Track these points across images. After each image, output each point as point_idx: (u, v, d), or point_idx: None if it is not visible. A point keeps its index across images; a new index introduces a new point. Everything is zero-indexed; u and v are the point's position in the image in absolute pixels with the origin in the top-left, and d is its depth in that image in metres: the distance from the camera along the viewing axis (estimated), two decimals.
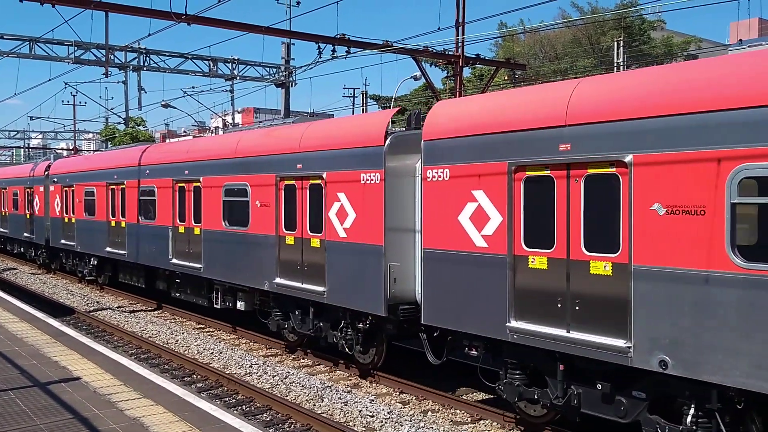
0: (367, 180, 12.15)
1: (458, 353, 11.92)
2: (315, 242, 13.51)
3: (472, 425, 11.21)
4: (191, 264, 17.79)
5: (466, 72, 43.20)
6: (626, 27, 53.33)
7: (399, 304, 11.91)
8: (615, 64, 45.98)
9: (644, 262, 8.23)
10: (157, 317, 20.96)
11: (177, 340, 17.51)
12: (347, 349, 13.18)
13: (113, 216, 22.48)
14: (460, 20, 25.57)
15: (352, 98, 63.05)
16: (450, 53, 26.35)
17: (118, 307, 22.44)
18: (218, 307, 17.31)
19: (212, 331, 18.80)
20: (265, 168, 14.89)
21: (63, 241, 26.71)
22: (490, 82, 32.54)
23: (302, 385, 13.14)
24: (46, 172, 28.81)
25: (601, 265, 8.77)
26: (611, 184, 8.66)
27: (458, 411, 11.79)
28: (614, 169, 8.61)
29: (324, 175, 13.15)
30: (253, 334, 17.26)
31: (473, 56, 27.72)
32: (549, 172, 9.34)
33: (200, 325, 19.61)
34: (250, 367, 14.61)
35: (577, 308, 8.99)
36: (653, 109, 8.18)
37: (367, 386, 13.36)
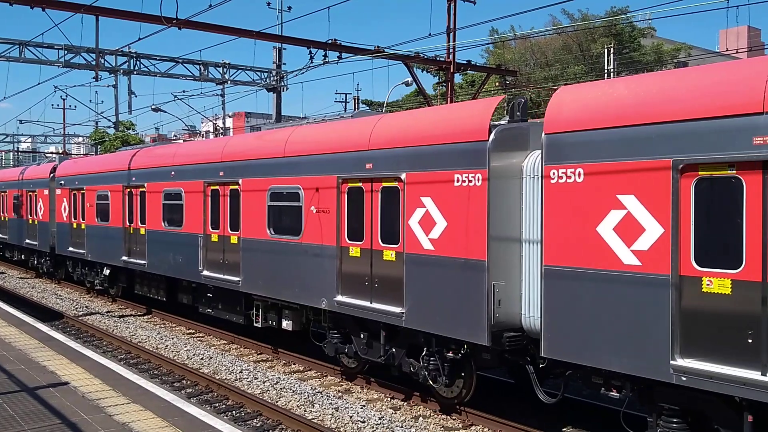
0: (464, 182, 9.95)
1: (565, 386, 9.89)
2: (389, 255, 11.32)
3: (464, 431, 10.68)
4: (227, 277, 15.41)
5: (458, 78, 42.25)
6: (616, 34, 52.24)
7: (503, 330, 9.79)
8: (605, 71, 44.78)
9: None
10: (146, 322, 20.01)
11: (167, 346, 16.75)
12: (430, 381, 11.01)
13: (131, 222, 19.80)
14: (452, 26, 25.41)
15: (344, 103, 61.71)
16: (441, 59, 26.25)
17: (107, 312, 21.41)
18: (259, 326, 15.00)
19: (202, 337, 17.98)
20: (324, 168, 12.65)
21: (71, 249, 23.87)
22: (481, 89, 31.42)
23: (293, 391, 12.56)
24: (52, 174, 26.00)
25: None
26: None
27: (450, 417, 11.20)
28: None
29: (402, 177, 10.90)
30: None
31: (464, 62, 27.87)
32: (735, 171, 7.27)
33: (190, 331, 18.77)
34: (241, 372, 14.01)
35: None
36: None
37: (358, 392, 12.74)
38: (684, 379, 7.49)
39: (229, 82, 34.65)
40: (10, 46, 27.33)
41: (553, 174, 8.75)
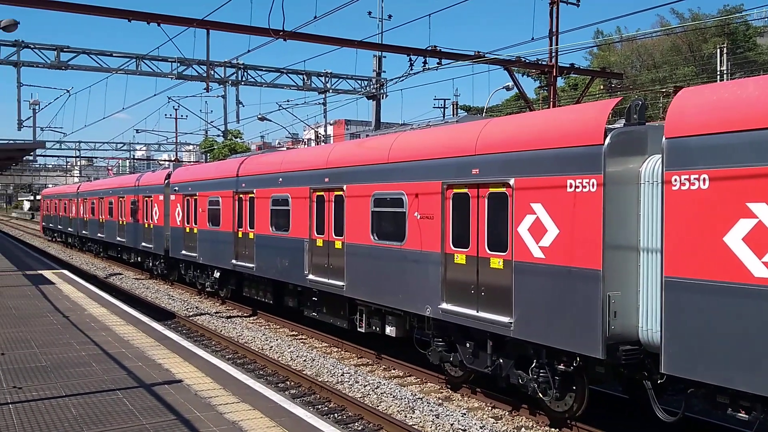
0: (577, 188, 9.55)
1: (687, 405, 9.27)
2: (496, 262, 11.03)
3: None
4: (331, 281, 15.51)
5: (560, 82, 41.19)
6: (730, 33, 49.46)
7: (618, 343, 9.31)
8: (718, 72, 42.44)
9: None
10: (252, 323, 20.45)
11: (271, 347, 17.02)
12: (540, 394, 10.63)
13: (240, 226, 20.38)
14: (554, 30, 24.96)
15: (442, 109, 61.44)
16: (543, 63, 25.61)
17: (215, 313, 22.06)
18: (362, 331, 15.04)
19: (305, 339, 18.29)
20: (428, 174, 12.50)
21: (184, 252, 24.80)
22: (585, 92, 30.56)
23: (393, 396, 12.53)
24: (167, 181, 27.18)
25: None
26: None
27: (553, 429, 10.86)
28: None
29: (511, 182, 10.60)
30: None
31: (567, 66, 26.91)
32: None
33: (293, 333, 19.09)
34: (342, 375, 14.07)
35: None
36: None
37: (459, 399, 12.59)
38: None
39: (330, 90, 35.33)
40: (128, 60, 28.85)
41: (675, 180, 8.23)
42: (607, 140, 9.10)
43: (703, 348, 7.91)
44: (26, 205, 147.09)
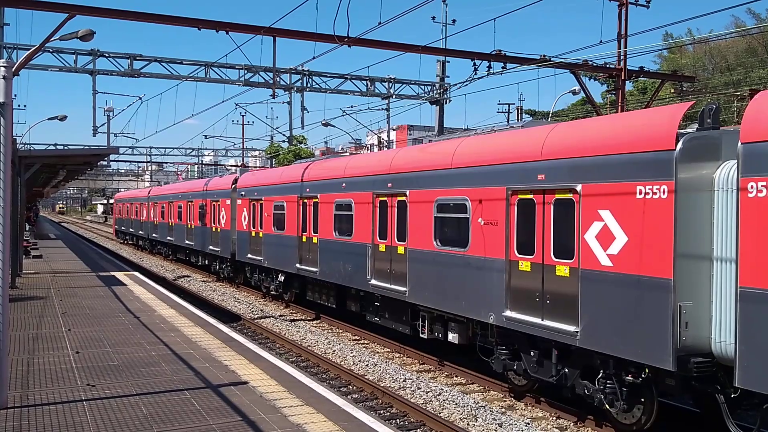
0: (647, 194, 9.29)
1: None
2: (562, 270, 10.84)
3: None
4: (394, 287, 15.55)
5: (628, 86, 40.20)
6: None
7: (690, 355, 9.02)
8: None
9: None
10: (315, 327, 20.77)
11: (334, 351, 17.22)
12: (606, 405, 10.38)
13: (304, 231, 20.69)
14: (623, 32, 24.64)
15: (507, 114, 60.85)
16: (611, 66, 25.28)
17: (280, 316, 22.44)
18: (424, 337, 15.00)
19: (367, 344, 18.36)
20: (492, 180, 12.41)
21: (249, 256, 25.29)
22: (655, 96, 29.72)
23: (456, 403, 12.44)
24: (234, 186, 27.75)
25: None
26: None
27: None
28: None
29: (578, 188, 10.39)
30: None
31: (636, 69, 26.36)
32: None
33: (356, 337, 19.20)
34: (404, 381, 14.10)
35: None
36: None
37: (522, 408, 12.45)
38: None
39: (394, 96, 35.58)
40: (197, 68, 29.76)
41: (751, 187, 7.93)
42: (679, 145, 8.86)
43: None
44: (100, 209, 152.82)
